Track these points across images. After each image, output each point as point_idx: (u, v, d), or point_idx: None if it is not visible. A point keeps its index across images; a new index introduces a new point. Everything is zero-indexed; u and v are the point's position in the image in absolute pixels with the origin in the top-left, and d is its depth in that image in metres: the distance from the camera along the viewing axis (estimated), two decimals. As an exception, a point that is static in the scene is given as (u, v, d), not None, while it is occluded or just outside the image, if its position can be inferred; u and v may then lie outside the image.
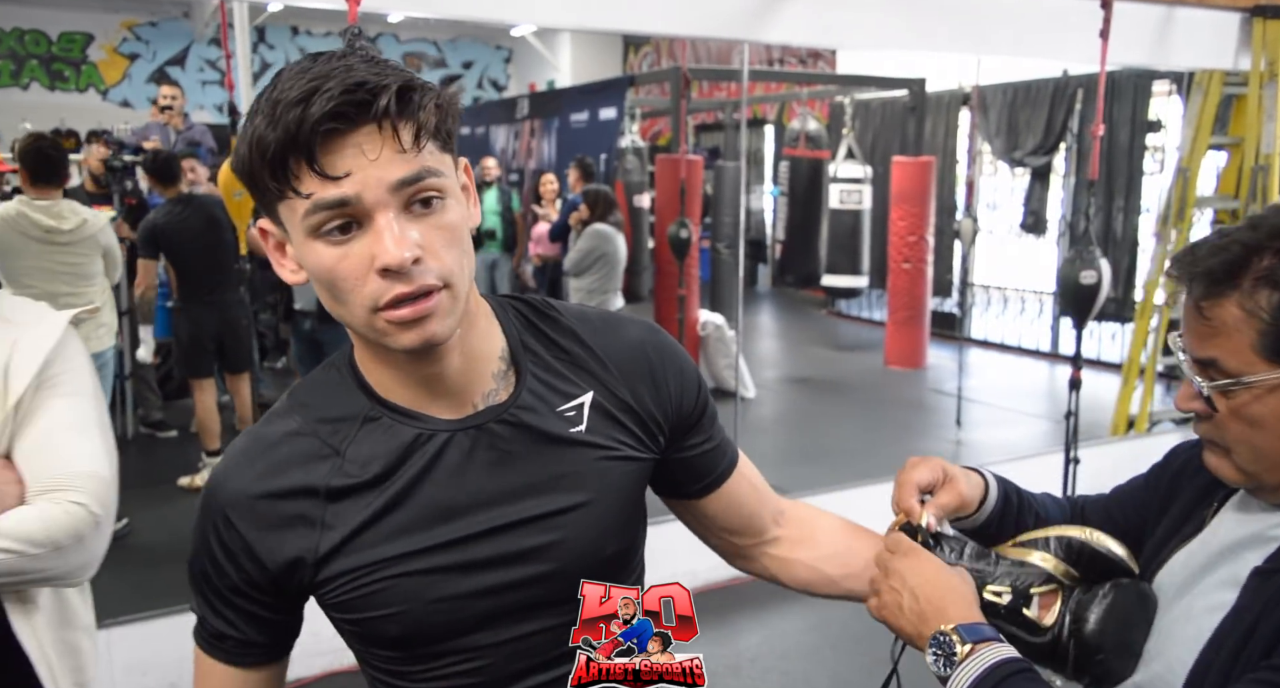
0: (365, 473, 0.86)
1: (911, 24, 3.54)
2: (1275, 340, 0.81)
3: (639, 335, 0.96)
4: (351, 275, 0.77)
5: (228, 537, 0.87)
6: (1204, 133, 4.47)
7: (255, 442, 0.89)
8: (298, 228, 0.77)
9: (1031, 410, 6.19)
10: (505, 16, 3.37)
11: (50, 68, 10.40)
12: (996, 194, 8.41)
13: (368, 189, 0.74)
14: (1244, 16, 4.19)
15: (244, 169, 0.77)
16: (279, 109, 0.73)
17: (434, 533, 0.85)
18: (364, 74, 0.73)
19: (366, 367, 0.88)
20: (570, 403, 0.90)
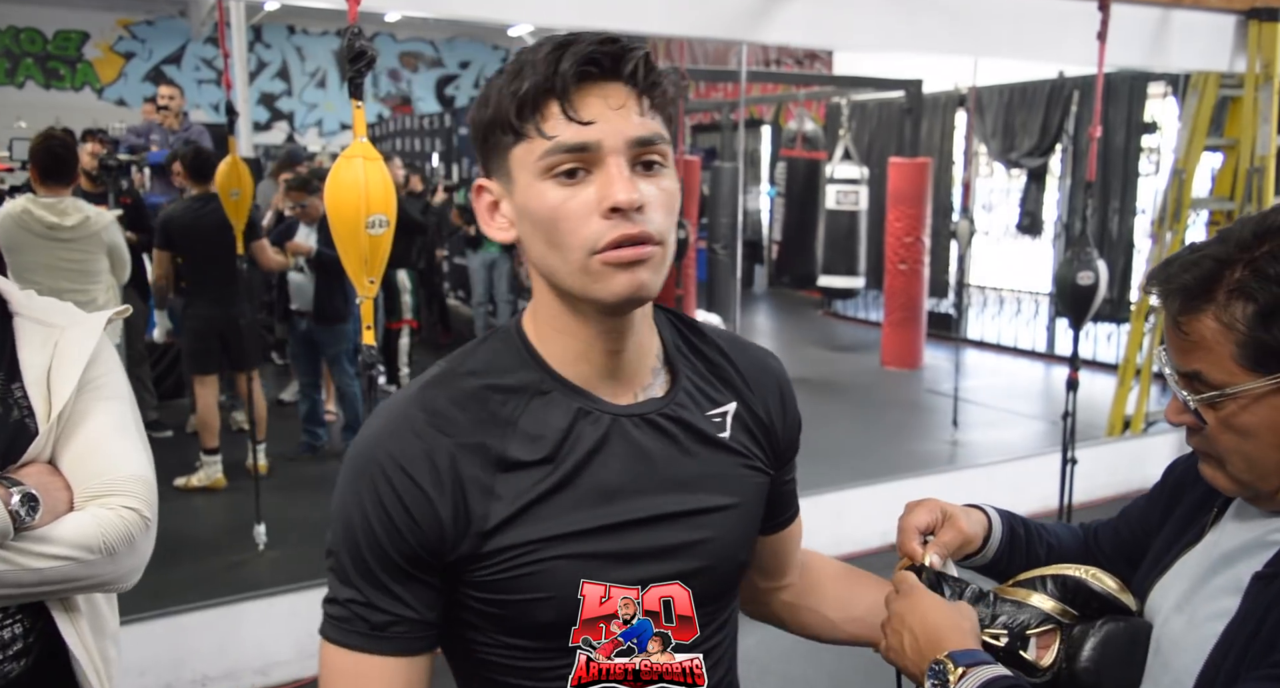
0: (537, 447, 0.85)
1: (909, 25, 3.55)
2: (1254, 351, 0.82)
3: (769, 360, 1.01)
4: (575, 215, 0.79)
5: (406, 493, 0.82)
6: (1199, 135, 4.48)
7: (418, 401, 0.86)
8: (528, 170, 0.81)
9: (1027, 411, 6.20)
10: (502, 16, 3.37)
11: (46, 66, 10.38)
12: (993, 195, 8.43)
13: (609, 137, 0.79)
14: (1239, 19, 4.20)
15: (484, 120, 0.82)
16: (527, 65, 0.79)
17: (596, 514, 0.84)
18: (614, 35, 0.81)
19: (544, 337, 0.88)
20: (717, 410, 0.93)
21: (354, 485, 0.85)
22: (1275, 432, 0.84)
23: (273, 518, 3.76)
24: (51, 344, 1.23)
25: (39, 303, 1.29)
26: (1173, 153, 4.69)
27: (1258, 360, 0.83)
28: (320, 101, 12.26)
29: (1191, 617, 0.92)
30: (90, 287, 3.70)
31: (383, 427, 0.86)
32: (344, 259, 1.99)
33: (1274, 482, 0.87)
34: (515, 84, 0.80)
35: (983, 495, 4.25)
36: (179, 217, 4.36)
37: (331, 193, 1.97)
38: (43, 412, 1.20)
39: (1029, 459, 4.55)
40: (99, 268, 3.74)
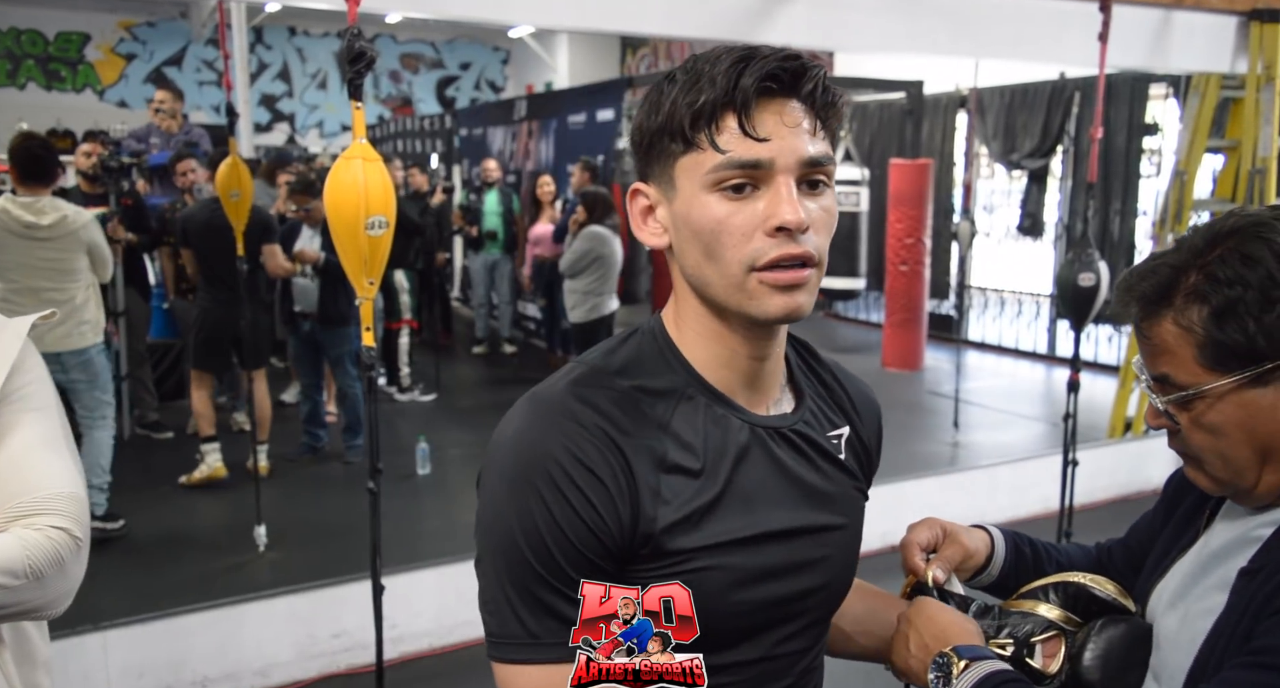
0: (690, 453, 0.84)
1: (910, 27, 3.54)
2: (1214, 351, 0.86)
3: (866, 390, 1.04)
4: (739, 230, 0.79)
5: (592, 491, 0.79)
6: (1201, 136, 4.47)
7: (579, 397, 0.83)
8: (695, 181, 0.80)
9: (1029, 413, 6.19)
10: (503, 18, 3.37)
11: (47, 68, 10.39)
12: (994, 196, 8.43)
13: (782, 156, 0.79)
14: (1241, 20, 4.20)
15: (653, 127, 0.82)
16: (705, 76, 0.79)
17: (742, 524, 0.84)
18: (795, 52, 0.81)
19: (689, 342, 0.87)
20: (835, 431, 0.94)
21: (528, 483, 0.80)
22: (1243, 429, 0.87)
23: (273, 519, 3.76)
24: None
25: None
26: (1174, 154, 4.69)
27: (1217, 360, 0.86)
28: (321, 103, 12.26)
29: (1184, 615, 0.94)
30: (69, 285, 3.71)
31: (546, 422, 0.82)
32: (343, 260, 1.99)
33: (1250, 478, 0.89)
34: (692, 95, 0.79)
35: (984, 497, 4.28)
36: (194, 216, 4.46)
37: (331, 194, 1.97)
38: None
39: (1030, 461, 4.55)
40: (78, 267, 3.74)
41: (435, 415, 5.92)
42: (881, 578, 1.12)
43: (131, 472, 4.72)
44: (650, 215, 0.87)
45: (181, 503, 4.37)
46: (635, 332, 0.91)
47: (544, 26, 7.31)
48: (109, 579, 3.49)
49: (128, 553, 3.77)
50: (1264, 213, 0.89)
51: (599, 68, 11.54)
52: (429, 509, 4.39)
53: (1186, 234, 0.91)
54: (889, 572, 1.09)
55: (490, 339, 7.58)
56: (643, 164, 0.86)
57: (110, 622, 2.81)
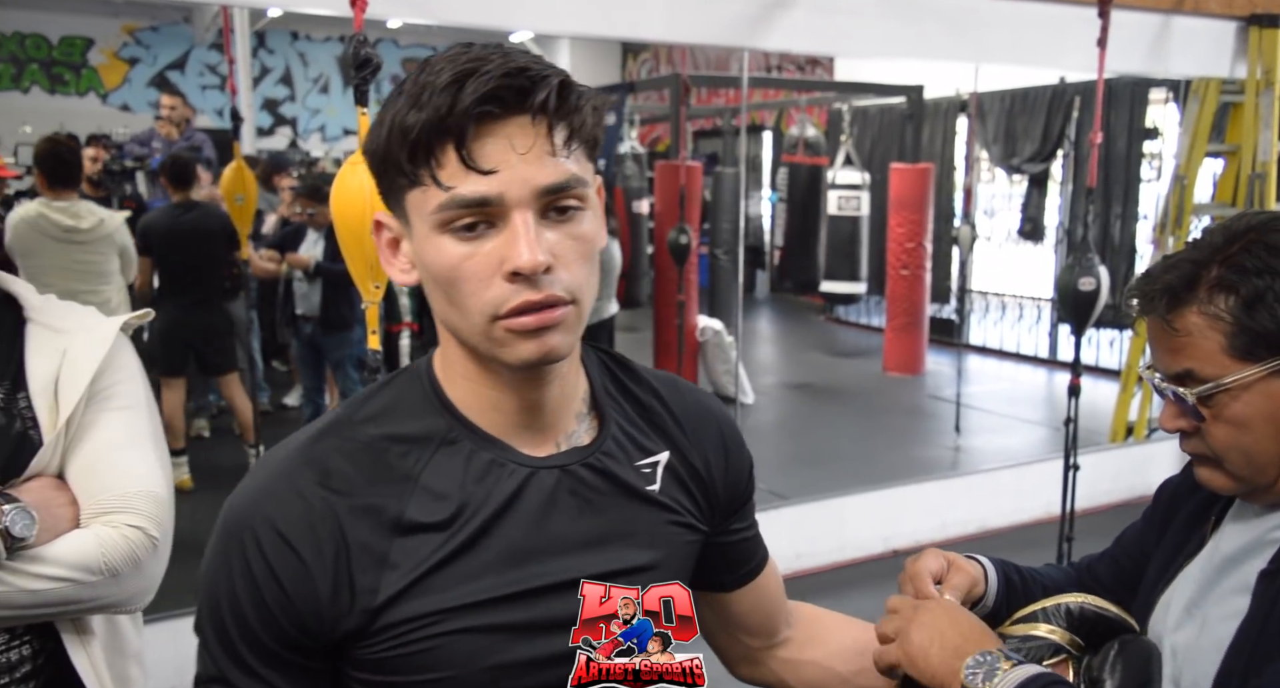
0: (440, 506, 0.76)
1: (910, 32, 3.56)
2: (1243, 340, 0.85)
3: (708, 403, 0.93)
4: (475, 276, 0.71)
5: (277, 563, 0.73)
6: (1201, 140, 4.49)
7: (305, 456, 0.76)
8: (425, 220, 0.72)
9: (1030, 417, 6.20)
10: (505, 23, 3.39)
11: (51, 71, 10.41)
12: (994, 201, 8.43)
13: (512, 187, 0.70)
14: (1240, 25, 4.21)
15: (378, 153, 0.72)
16: (427, 91, 0.69)
17: (505, 579, 0.76)
18: (525, 61, 0.70)
19: (453, 382, 0.80)
20: (647, 459, 0.85)
21: (223, 553, 0.75)
22: (1270, 421, 0.87)
23: (275, 523, 3.76)
24: (60, 352, 1.16)
25: (55, 307, 1.22)
26: (1174, 158, 4.70)
27: (1246, 349, 0.85)
28: (323, 107, 12.29)
29: (1203, 622, 0.93)
30: (103, 287, 3.76)
31: (261, 485, 0.76)
32: (349, 264, 2.00)
33: (1272, 473, 0.89)
34: (411, 116, 0.69)
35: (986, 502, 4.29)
36: (155, 222, 4.46)
37: (337, 199, 1.98)
38: (48, 423, 1.13)
39: (1031, 465, 4.55)
40: (111, 269, 3.80)
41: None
42: (883, 583, 1.13)
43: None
44: (397, 249, 0.78)
45: (184, 506, 4.36)
46: (401, 373, 0.83)
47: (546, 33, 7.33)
48: (112, 582, 3.50)
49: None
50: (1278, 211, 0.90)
51: (600, 72, 11.56)
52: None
53: (1202, 236, 0.91)
54: (891, 576, 1.08)
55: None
56: (380, 191, 0.76)
57: (114, 625, 2.83)
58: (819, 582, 3.75)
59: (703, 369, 6.29)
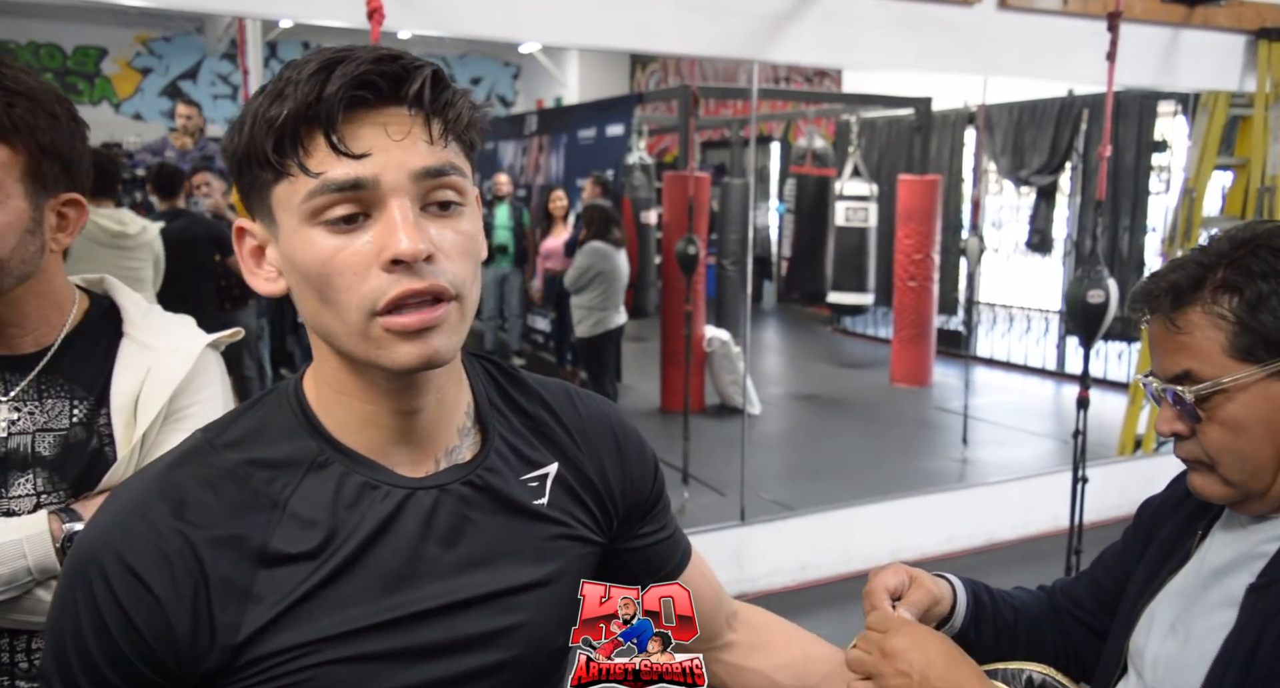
0: (309, 534, 0.71)
1: (918, 44, 3.57)
2: (1245, 340, 0.86)
3: (603, 409, 0.90)
4: (350, 268, 0.67)
5: (127, 600, 0.67)
6: (1210, 153, 4.49)
7: (159, 486, 0.72)
8: (293, 214, 0.68)
9: (1038, 429, 6.18)
10: (516, 35, 3.41)
11: (65, 81, 10.50)
12: (1002, 213, 8.44)
13: (388, 172, 0.66)
14: (1249, 39, 4.22)
15: (239, 151, 0.69)
16: (291, 84, 0.66)
17: (379, 607, 0.73)
18: (397, 52, 0.68)
19: (323, 400, 0.75)
20: (534, 473, 0.82)
21: (68, 591, 0.69)
22: (1267, 424, 0.87)
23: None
24: (145, 369, 1.15)
25: (154, 323, 1.21)
26: (1183, 171, 4.70)
27: (1248, 350, 0.86)
28: (333, 117, 12.36)
29: (1188, 635, 0.93)
30: (143, 294, 3.77)
31: (111, 519, 0.71)
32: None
33: (1266, 479, 0.89)
34: (274, 109, 0.66)
35: (993, 515, 4.28)
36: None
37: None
38: (123, 439, 1.12)
39: (1039, 478, 4.54)
40: (147, 277, 3.85)
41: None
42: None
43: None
44: (261, 258, 0.74)
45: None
46: (268, 394, 0.78)
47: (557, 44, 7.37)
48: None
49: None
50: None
51: (609, 83, 11.62)
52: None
53: (1208, 243, 0.93)
54: (899, 587, 1.08)
55: (499, 352, 7.61)
56: (242, 196, 0.72)
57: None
58: (825, 593, 3.74)
59: (710, 379, 6.29)
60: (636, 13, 3.14)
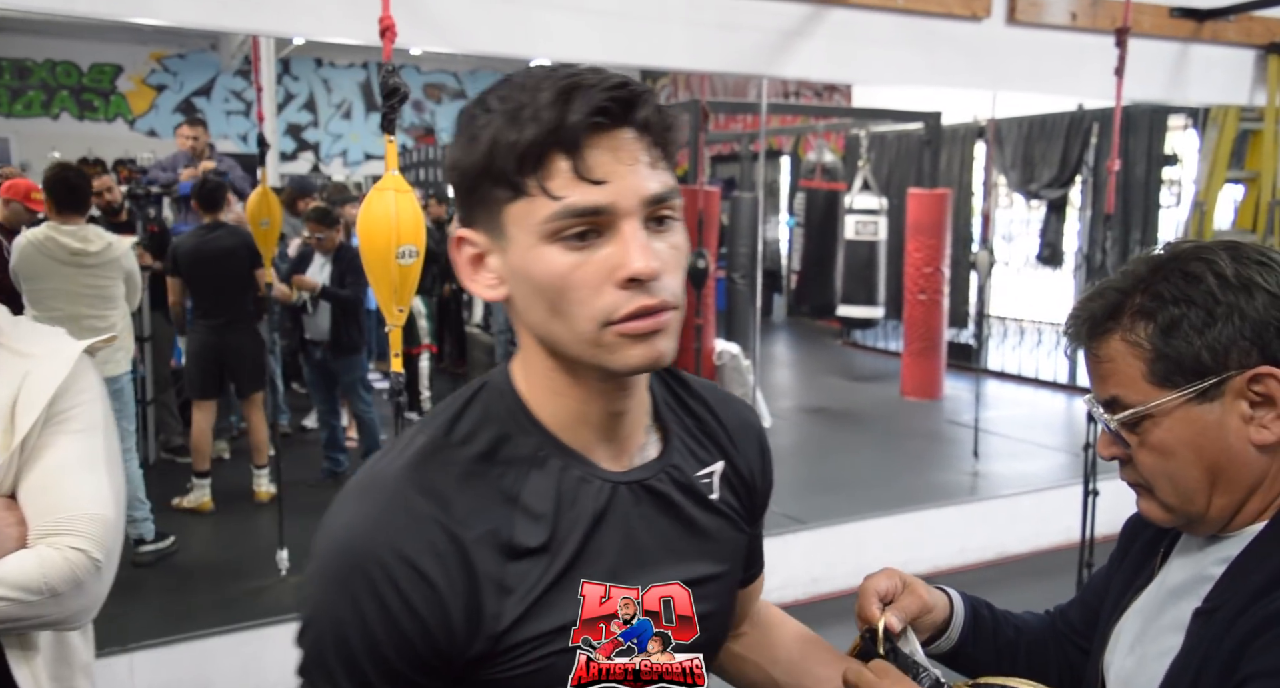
0: (540, 528, 0.76)
1: (928, 59, 3.59)
2: (1161, 367, 0.87)
3: (750, 414, 0.96)
4: (586, 285, 0.72)
5: (412, 592, 0.72)
6: (1220, 167, 4.49)
7: (416, 482, 0.75)
8: (530, 232, 0.72)
9: (1049, 443, 6.16)
10: (528, 51, 3.44)
11: (80, 98, 10.62)
12: (1012, 226, 8.43)
13: (623, 198, 0.71)
14: (1259, 53, 4.22)
15: (471, 169, 0.73)
16: (529, 109, 0.70)
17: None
18: (623, 77, 0.73)
19: (536, 397, 0.80)
20: (705, 469, 0.87)
21: (344, 585, 0.72)
22: (1191, 447, 0.87)
23: (295, 544, 3.79)
24: (20, 375, 1.18)
25: (23, 331, 1.25)
26: (1194, 185, 4.70)
27: (1164, 376, 0.87)
28: (345, 132, 12.45)
29: (1141, 657, 0.93)
30: (109, 312, 3.77)
31: (376, 513, 0.74)
32: (374, 288, 2.04)
33: (1201, 502, 0.89)
34: (514, 132, 0.70)
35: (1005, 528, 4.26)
36: (183, 243, 4.57)
37: (364, 224, 2.02)
38: (2, 444, 1.16)
39: (1051, 491, 4.52)
40: (117, 294, 3.81)
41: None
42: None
43: (155, 496, 4.77)
44: (480, 265, 0.78)
45: (205, 527, 4.41)
46: (481, 388, 0.82)
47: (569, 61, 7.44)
48: (136, 601, 3.53)
49: (152, 576, 3.81)
50: (1205, 241, 0.91)
51: (619, 98, 11.67)
52: (449, 535, 4.41)
53: (1129, 265, 0.93)
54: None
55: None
56: (465, 208, 0.77)
57: (137, 644, 2.85)
58: (837, 607, 3.73)
59: (720, 393, 6.28)
60: (647, 29, 3.17)
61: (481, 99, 0.75)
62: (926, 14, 3.52)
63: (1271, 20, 4.18)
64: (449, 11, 2.82)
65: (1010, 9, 3.66)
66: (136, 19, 2.58)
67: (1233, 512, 0.89)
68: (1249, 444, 0.86)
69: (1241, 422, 0.86)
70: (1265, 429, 0.85)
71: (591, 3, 3.03)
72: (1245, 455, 0.86)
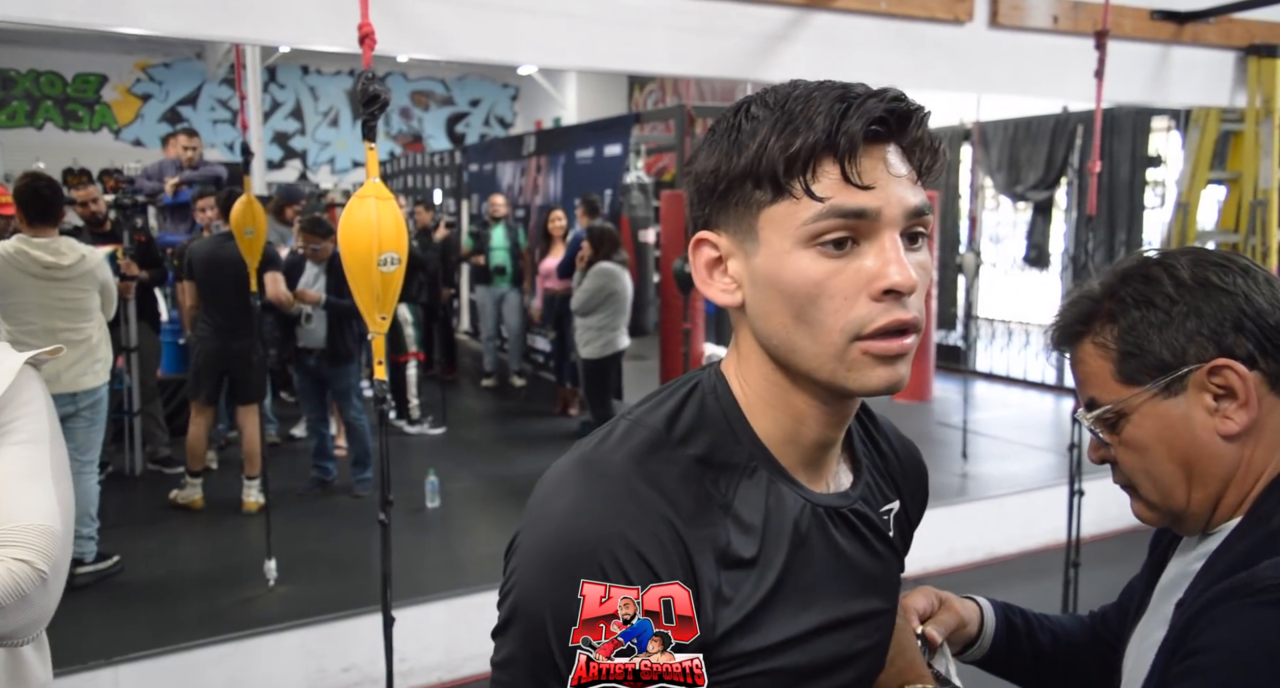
0: (750, 540, 0.74)
1: (912, 62, 3.60)
2: (1127, 366, 0.91)
3: (918, 455, 0.96)
4: (840, 293, 0.70)
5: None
6: (1203, 168, 4.52)
7: (643, 475, 0.72)
8: (788, 235, 0.71)
9: (1037, 443, 6.18)
10: (513, 58, 3.44)
11: (65, 108, 10.58)
12: (999, 228, 8.47)
13: (889, 205, 0.70)
14: (1239, 55, 4.25)
15: (734, 170, 0.72)
16: (800, 116, 0.70)
17: (800, 621, 0.76)
18: (897, 92, 0.72)
19: (756, 409, 0.78)
20: (885, 506, 0.86)
21: (570, 573, 0.69)
22: (1163, 442, 0.91)
23: (283, 553, 3.77)
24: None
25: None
26: (1177, 186, 4.73)
27: (1130, 374, 0.91)
28: (333, 140, 12.43)
29: (1138, 654, 0.96)
30: (84, 325, 3.71)
31: (606, 503, 0.71)
32: (356, 296, 2.03)
33: (1180, 497, 0.92)
34: (787, 137, 0.70)
35: (993, 528, 4.25)
36: (198, 249, 4.61)
37: (345, 232, 2.01)
38: None
39: (1039, 492, 4.54)
40: (92, 306, 3.76)
41: (444, 448, 5.94)
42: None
43: (143, 507, 4.75)
44: (718, 268, 0.76)
45: (192, 537, 4.39)
46: (694, 389, 0.80)
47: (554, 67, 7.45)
48: (120, 614, 3.50)
49: (138, 588, 3.78)
50: (1173, 249, 0.96)
51: (607, 104, 11.69)
52: (438, 543, 4.39)
53: (1103, 275, 0.97)
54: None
55: (499, 372, 7.62)
56: (713, 210, 0.75)
57: (122, 657, 2.83)
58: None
59: (709, 397, 6.28)
60: (631, 34, 3.17)
61: (743, 107, 0.74)
62: (910, 18, 3.53)
63: (1251, 22, 4.21)
64: (431, 18, 2.81)
65: (993, 12, 3.67)
66: (118, 29, 2.56)
67: (1211, 505, 0.91)
68: (1216, 435, 0.89)
69: (1206, 414, 0.89)
70: (1229, 419, 0.89)
71: (574, 8, 3.03)
72: (1214, 447, 0.90)
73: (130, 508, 4.68)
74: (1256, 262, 0.94)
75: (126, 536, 4.18)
